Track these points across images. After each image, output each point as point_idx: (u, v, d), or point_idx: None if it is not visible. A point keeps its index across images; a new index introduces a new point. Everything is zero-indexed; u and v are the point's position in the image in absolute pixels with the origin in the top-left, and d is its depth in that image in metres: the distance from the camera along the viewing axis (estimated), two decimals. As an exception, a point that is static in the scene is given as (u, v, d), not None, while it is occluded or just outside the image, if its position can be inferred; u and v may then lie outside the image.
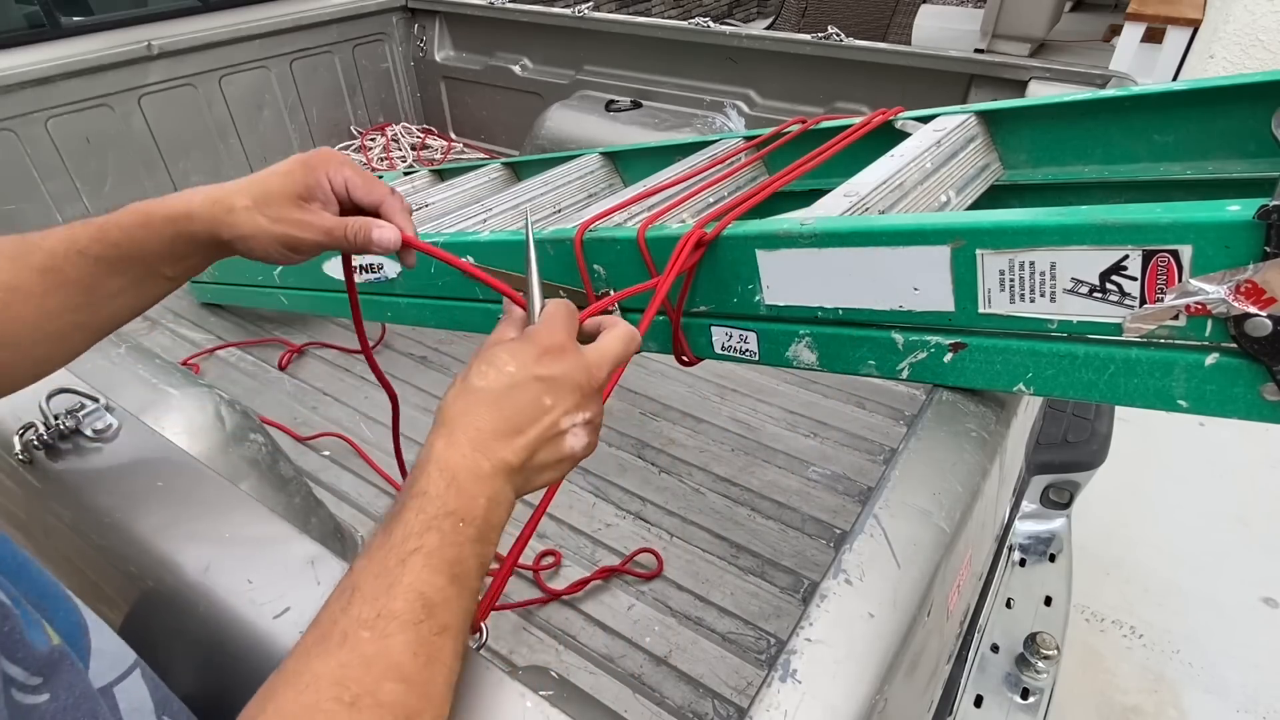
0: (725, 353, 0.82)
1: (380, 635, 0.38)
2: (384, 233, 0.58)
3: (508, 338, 0.51)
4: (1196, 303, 0.51)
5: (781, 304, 0.73)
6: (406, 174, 1.65)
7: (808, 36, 1.76)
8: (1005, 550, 1.23)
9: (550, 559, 1.17)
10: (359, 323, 0.73)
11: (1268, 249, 0.47)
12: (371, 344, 1.68)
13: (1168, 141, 0.79)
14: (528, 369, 0.48)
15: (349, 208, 0.61)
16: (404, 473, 0.90)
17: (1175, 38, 2.98)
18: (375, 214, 0.61)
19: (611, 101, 2.04)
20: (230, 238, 0.55)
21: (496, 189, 1.42)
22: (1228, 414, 0.54)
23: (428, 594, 0.40)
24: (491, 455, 0.45)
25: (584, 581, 1.12)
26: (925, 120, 0.92)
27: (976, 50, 4.32)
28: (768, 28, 3.20)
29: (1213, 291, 0.50)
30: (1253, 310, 0.49)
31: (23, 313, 0.50)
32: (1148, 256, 0.51)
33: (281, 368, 1.62)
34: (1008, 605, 1.24)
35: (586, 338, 0.54)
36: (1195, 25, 2.90)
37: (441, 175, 1.61)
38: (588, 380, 0.49)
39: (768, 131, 1.04)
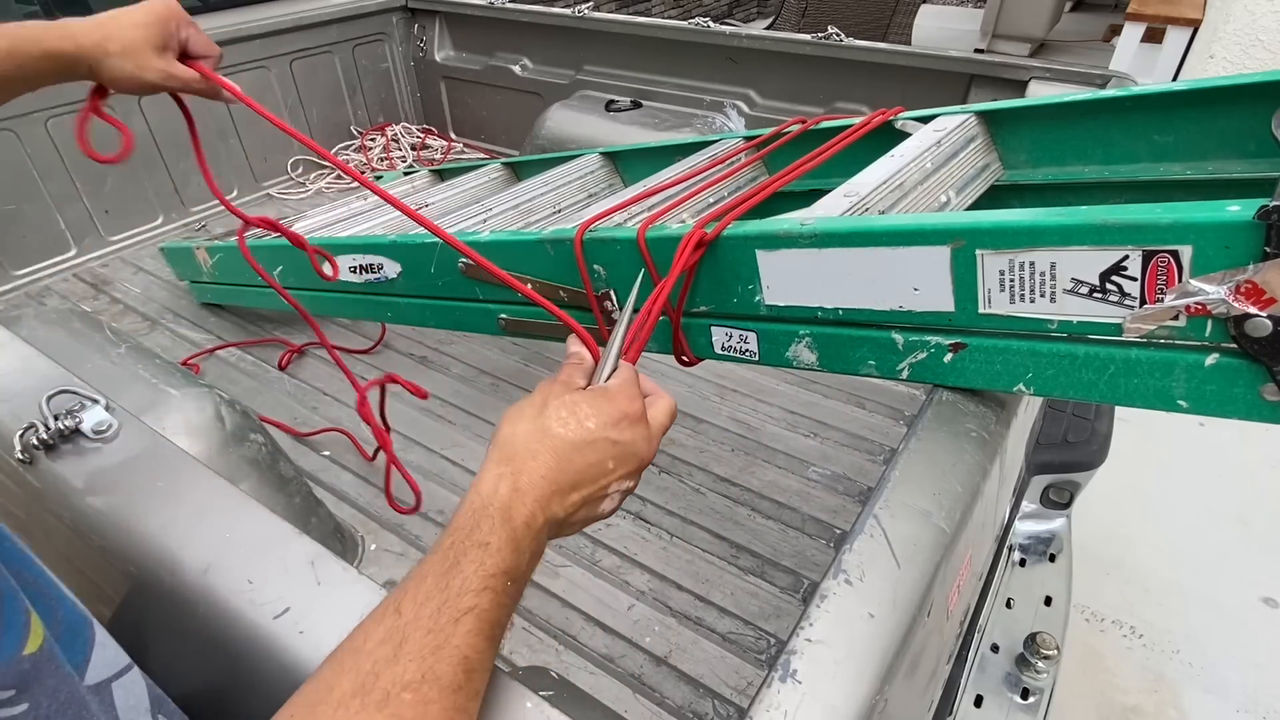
0: (725, 353, 0.82)
1: (423, 700, 0.37)
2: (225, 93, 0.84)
3: (576, 384, 0.53)
4: (1196, 303, 0.51)
5: (781, 304, 0.73)
6: (406, 174, 1.65)
7: (808, 36, 1.76)
8: (1005, 550, 1.23)
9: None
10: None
11: (1268, 249, 0.46)
12: (371, 344, 1.68)
13: (1168, 141, 0.79)
14: (605, 430, 0.48)
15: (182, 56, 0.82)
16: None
17: (1175, 38, 2.98)
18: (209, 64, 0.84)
19: (611, 101, 2.04)
20: (106, 78, 0.76)
21: (496, 189, 1.42)
22: (1228, 414, 0.54)
23: (471, 658, 0.39)
24: (548, 509, 0.45)
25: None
26: (925, 120, 0.92)
27: (976, 50, 4.32)
28: (768, 28, 3.20)
29: (1213, 292, 0.50)
30: (1253, 310, 0.49)
31: None
32: (1148, 257, 0.51)
33: (281, 368, 1.62)
34: (1008, 605, 1.24)
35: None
36: (1195, 25, 2.90)
37: (441, 175, 1.61)
38: (648, 452, 0.51)
39: (768, 131, 1.04)
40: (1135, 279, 0.53)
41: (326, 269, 1.09)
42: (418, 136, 2.43)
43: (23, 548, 0.41)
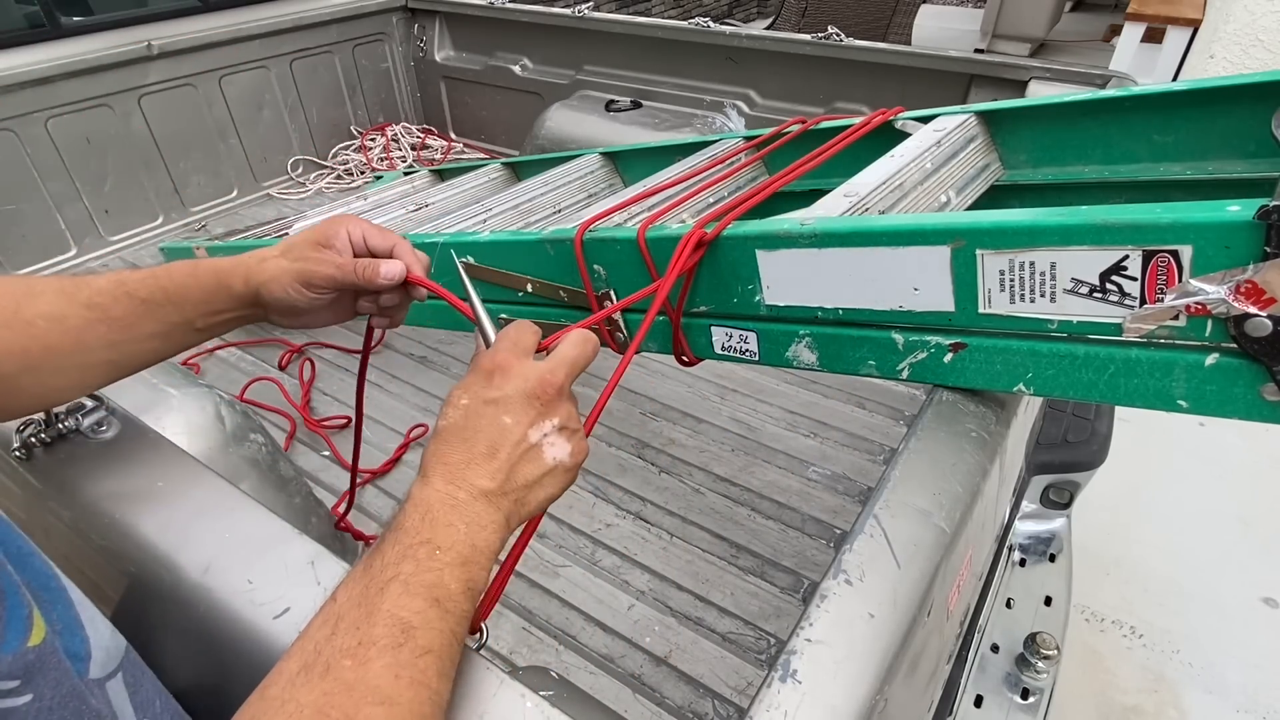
0: (725, 353, 0.82)
1: (360, 662, 0.38)
2: (391, 267, 0.63)
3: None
4: (1196, 303, 0.51)
5: (781, 304, 0.73)
6: (406, 174, 1.65)
7: (808, 36, 1.76)
8: (1005, 550, 1.23)
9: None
10: (361, 386, 0.80)
11: (1268, 249, 0.46)
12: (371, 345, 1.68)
13: (1168, 141, 0.79)
14: (478, 396, 0.49)
15: (364, 255, 0.66)
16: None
17: (1175, 38, 2.98)
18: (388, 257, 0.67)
19: (611, 101, 2.04)
20: (258, 282, 0.61)
21: (496, 189, 1.42)
22: (1228, 414, 0.54)
23: (405, 618, 0.40)
24: (465, 484, 0.46)
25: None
26: (925, 120, 0.92)
27: (976, 50, 4.32)
28: (768, 28, 3.20)
29: (1213, 292, 0.50)
30: (1253, 310, 0.49)
31: (60, 343, 0.53)
32: (1148, 257, 0.51)
33: (281, 368, 1.62)
34: (1008, 605, 1.23)
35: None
36: (1195, 25, 2.90)
37: (441, 175, 1.61)
38: (541, 389, 0.50)
39: (768, 131, 1.04)
40: (1135, 279, 0.53)
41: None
42: (418, 136, 2.43)
43: (24, 540, 0.41)
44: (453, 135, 2.51)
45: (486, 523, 0.46)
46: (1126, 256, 0.52)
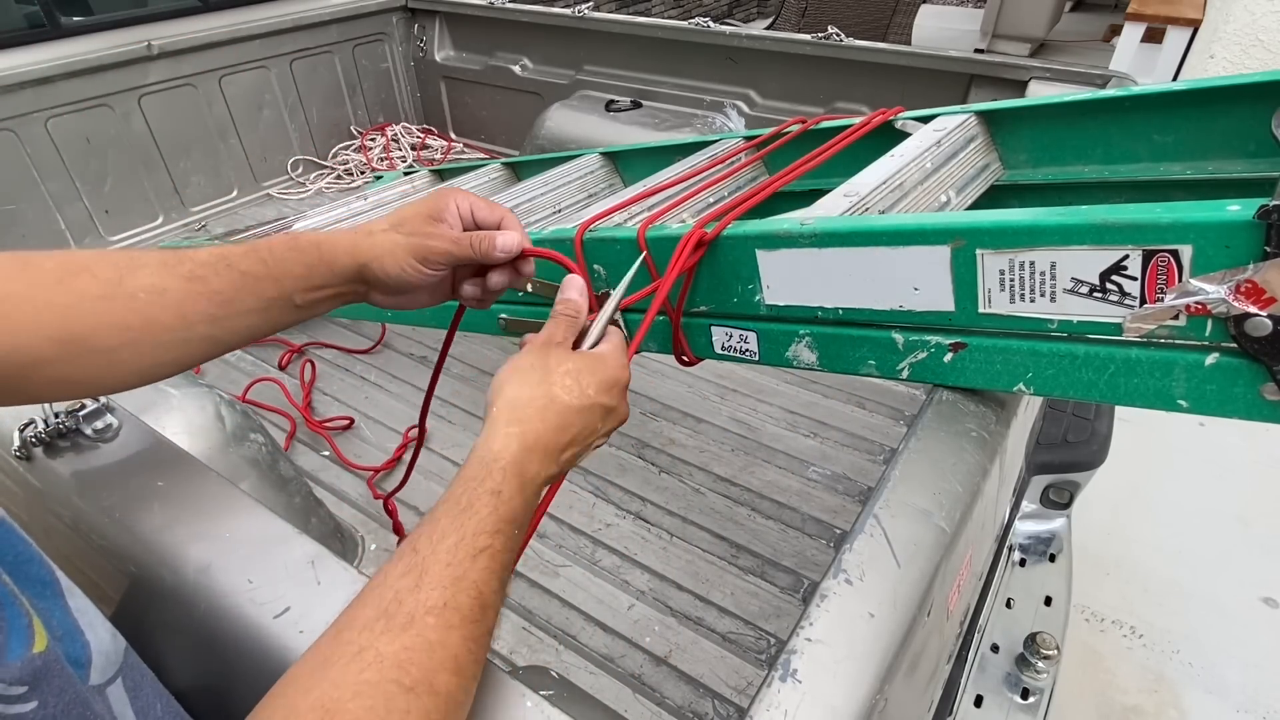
0: (725, 353, 0.82)
1: (444, 625, 0.39)
2: (506, 239, 0.62)
3: (568, 343, 0.57)
4: (1196, 303, 0.51)
5: (781, 304, 0.73)
6: (406, 174, 1.65)
7: (808, 36, 1.76)
8: (1005, 550, 1.23)
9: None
10: (436, 375, 0.79)
11: (1268, 249, 0.46)
12: (371, 344, 1.68)
13: (1168, 141, 0.79)
14: (600, 396, 0.53)
15: (472, 229, 0.64)
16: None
17: (1175, 38, 2.98)
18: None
19: (611, 101, 2.04)
20: (368, 258, 0.58)
21: (496, 189, 1.42)
22: (1228, 414, 0.54)
23: (485, 594, 0.41)
24: (548, 468, 0.49)
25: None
26: (925, 120, 0.92)
27: (976, 50, 4.32)
28: (768, 28, 3.20)
29: (1213, 291, 0.50)
30: (1253, 310, 0.49)
31: (161, 316, 0.51)
32: (1148, 256, 0.51)
33: (281, 367, 1.62)
34: (1008, 605, 1.23)
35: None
36: (1195, 25, 2.90)
37: (441, 175, 1.61)
38: (627, 412, 0.56)
39: (768, 131, 1.04)
40: (1135, 278, 0.53)
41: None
42: (418, 136, 2.43)
43: (24, 544, 0.41)
44: (453, 135, 2.51)
45: (536, 507, 0.49)
46: (1126, 256, 0.52)
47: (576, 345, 0.58)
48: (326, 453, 1.41)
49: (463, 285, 0.65)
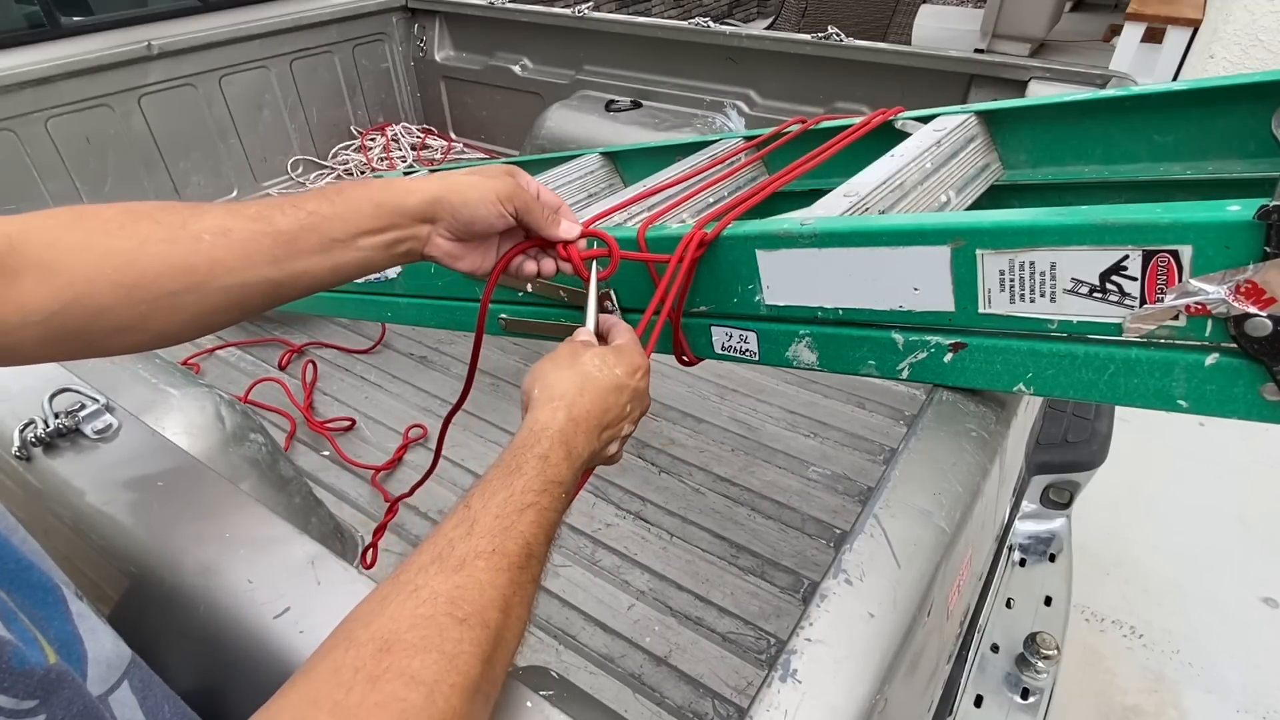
0: (725, 353, 0.82)
1: (494, 569, 0.42)
2: (571, 225, 0.68)
3: (584, 340, 0.62)
4: (1196, 303, 0.51)
5: (781, 304, 0.73)
6: (406, 174, 1.65)
7: (808, 36, 1.75)
8: (1005, 550, 1.23)
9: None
10: (476, 350, 0.81)
11: (1268, 249, 0.46)
12: (371, 344, 1.68)
13: (1168, 141, 0.79)
14: (628, 378, 0.58)
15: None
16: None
17: (1175, 38, 2.98)
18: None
19: (611, 101, 2.04)
20: (444, 191, 0.59)
21: (496, 189, 1.42)
22: (1228, 414, 0.54)
23: (531, 545, 0.45)
24: (590, 443, 0.53)
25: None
26: (925, 120, 0.92)
27: (976, 50, 4.31)
28: (768, 28, 3.20)
29: (1213, 291, 0.50)
30: (1253, 310, 0.49)
31: (225, 256, 0.51)
32: (1148, 256, 0.51)
33: (281, 367, 1.62)
34: (1008, 605, 1.24)
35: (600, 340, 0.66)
36: (1195, 25, 2.90)
37: (441, 175, 1.60)
38: (649, 402, 0.61)
39: (768, 131, 1.04)
40: (1135, 279, 0.53)
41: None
42: (418, 136, 2.43)
43: (22, 553, 0.41)
44: (453, 135, 2.51)
45: (578, 486, 0.54)
46: (1126, 256, 0.52)
47: None
48: (327, 453, 1.41)
49: (524, 264, 0.68)
